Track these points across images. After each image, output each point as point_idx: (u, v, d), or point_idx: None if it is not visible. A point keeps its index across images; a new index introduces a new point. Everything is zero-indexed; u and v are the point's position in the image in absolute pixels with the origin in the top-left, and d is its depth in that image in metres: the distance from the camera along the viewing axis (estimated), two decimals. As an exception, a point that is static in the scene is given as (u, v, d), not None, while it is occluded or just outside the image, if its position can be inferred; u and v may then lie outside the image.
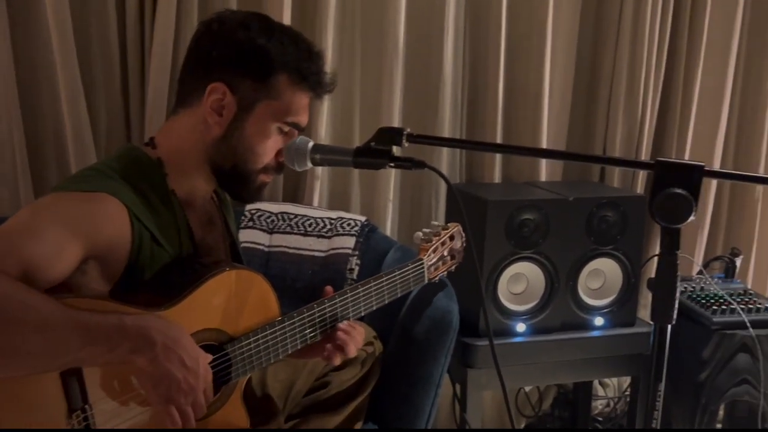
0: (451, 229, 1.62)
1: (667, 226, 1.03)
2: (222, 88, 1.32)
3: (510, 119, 2.58)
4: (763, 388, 2.10)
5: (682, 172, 1.02)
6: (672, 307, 1.08)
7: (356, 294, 1.43)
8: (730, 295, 2.24)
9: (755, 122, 2.89)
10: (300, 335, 1.37)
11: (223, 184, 1.41)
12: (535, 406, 2.78)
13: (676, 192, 1.00)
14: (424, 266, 1.52)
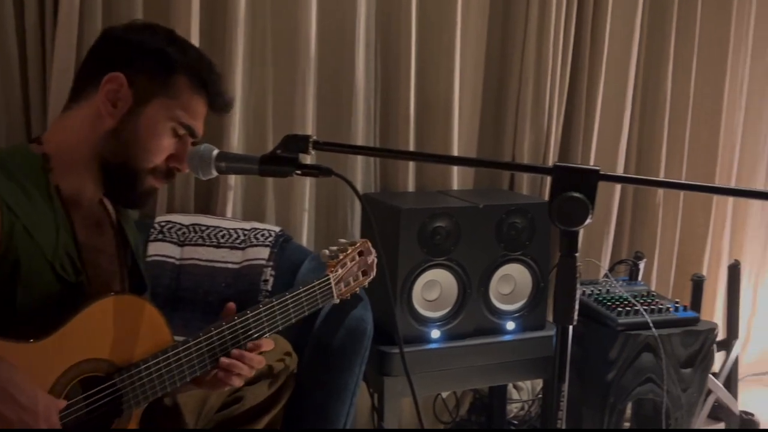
0: (360, 245, 1.61)
1: (565, 229, 1.06)
2: (120, 79, 1.31)
3: (422, 128, 2.62)
4: (666, 385, 2.19)
5: (579, 177, 1.05)
6: (572, 308, 1.11)
7: (258, 315, 1.40)
8: (634, 296, 2.34)
9: (654, 129, 3.03)
10: (198, 361, 1.33)
11: (109, 183, 1.36)
12: (453, 411, 2.81)
13: (573, 195, 1.03)
14: (331, 283, 1.51)
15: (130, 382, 1.27)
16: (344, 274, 1.55)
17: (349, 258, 1.56)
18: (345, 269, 1.55)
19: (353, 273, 1.58)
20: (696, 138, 3.11)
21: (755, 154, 3.31)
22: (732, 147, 3.20)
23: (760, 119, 3.27)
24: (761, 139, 3.30)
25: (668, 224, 3.11)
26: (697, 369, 2.24)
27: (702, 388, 2.28)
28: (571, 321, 1.13)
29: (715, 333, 2.27)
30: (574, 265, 1.10)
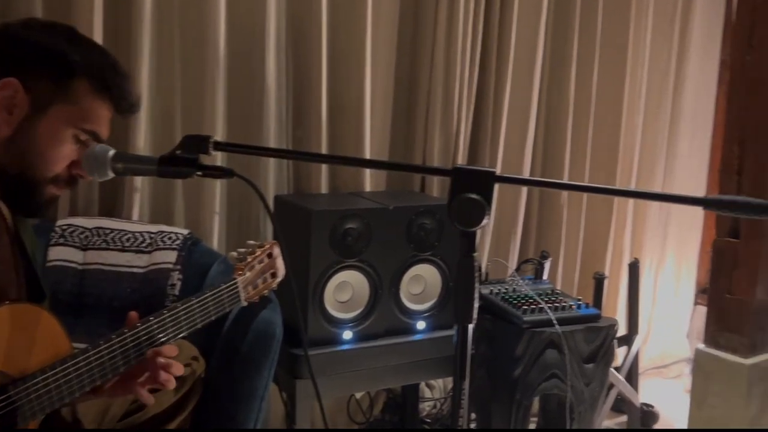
0: (268, 247, 1.60)
1: (463, 229, 1.09)
2: (15, 85, 1.25)
3: (335, 130, 2.63)
4: (569, 381, 2.26)
5: (476, 178, 1.08)
6: (471, 307, 1.14)
7: (162, 321, 1.36)
8: (539, 295, 2.41)
9: (558, 131, 3.14)
10: (98, 370, 1.29)
11: (6, 192, 1.30)
12: (367, 412, 2.83)
13: (470, 197, 1.06)
14: (239, 287, 1.49)
15: (26, 393, 1.22)
16: (252, 276, 1.53)
17: (257, 260, 1.55)
18: (253, 272, 1.53)
19: (262, 275, 1.57)
20: (598, 140, 3.23)
21: (653, 155, 3.47)
22: (632, 148, 3.35)
23: (657, 121, 3.44)
24: (659, 140, 3.46)
25: (572, 224, 3.23)
26: (599, 364, 2.33)
27: (604, 383, 2.38)
28: (470, 320, 1.16)
29: (616, 329, 2.37)
30: (472, 264, 1.13)
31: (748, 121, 2.29)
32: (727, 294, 2.42)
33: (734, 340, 2.39)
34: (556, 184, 1.36)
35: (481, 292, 2.46)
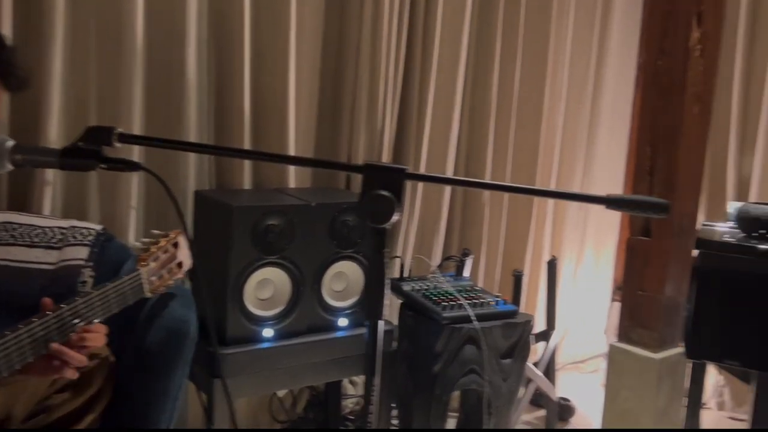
0: (173, 237, 1.57)
1: (374, 226, 1.09)
2: None
3: (258, 126, 2.59)
4: (487, 376, 2.30)
5: (387, 175, 1.08)
6: (382, 303, 1.14)
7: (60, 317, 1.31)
8: (459, 291, 2.44)
9: (481, 130, 3.19)
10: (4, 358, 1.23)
11: None
12: (289, 410, 2.81)
13: (381, 194, 1.06)
14: (141, 278, 1.45)
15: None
16: (157, 267, 1.49)
17: (161, 250, 1.51)
18: (158, 262, 1.49)
19: (167, 266, 1.53)
20: (520, 140, 3.30)
21: (573, 155, 3.56)
22: (552, 149, 3.44)
23: (577, 123, 3.53)
24: (578, 142, 3.56)
25: (494, 223, 3.29)
26: (516, 359, 2.38)
27: (520, 377, 2.43)
28: (381, 316, 1.16)
29: (532, 324, 2.42)
30: (383, 261, 1.13)
31: (660, 123, 2.37)
32: (639, 291, 2.51)
33: (645, 335, 2.48)
34: (462, 181, 1.38)
35: (403, 289, 2.48)
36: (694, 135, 2.37)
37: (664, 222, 2.44)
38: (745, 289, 1.49)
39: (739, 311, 1.50)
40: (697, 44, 2.29)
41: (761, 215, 1.52)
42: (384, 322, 1.18)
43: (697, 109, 2.35)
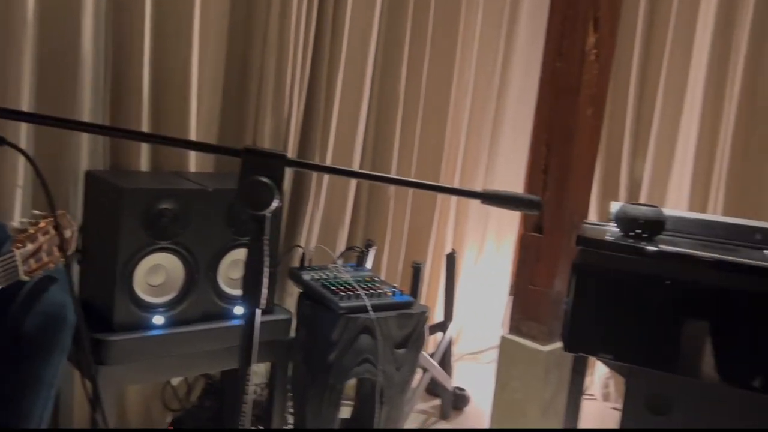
0: (54, 219, 1.51)
1: (252, 212, 1.08)
2: None
3: (157, 107, 2.52)
4: (381, 365, 2.33)
5: (267, 161, 1.07)
6: (260, 292, 1.13)
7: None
8: (358, 282, 2.46)
9: (388, 123, 3.21)
10: None
11: None
12: (183, 398, 2.75)
13: (259, 180, 1.05)
14: (16, 260, 1.39)
15: None
16: (34, 249, 1.43)
17: (41, 232, 1.45)
18: (36, 244, 1.43)
19: (46, 248, 1.47)
20: (426, 134, 3.34)
21: (477, 152, 3.64)
22: (457, 145, 3.50)
23: (482, 120, 3.61)
24: (483, 139, 3.63)
25: (398, 215, 3.33)
26: (410, 349, 2.42)
27: (414, 367, 2.47)
28: (259, 304, 1.16)
29: (427, 316, 2.46)
30: (262, 248, 1.12)
31: (555, 124, 2.45)
32: (531, 285, 2.59)
33: (534, 328, 2.57)
34: (345, 171, 1.38)
35: (303, 278, 2.47)
36: (587, 136, 2.46)
37: (556, 219, 2.53)
38: (620, 287, 1.56)
39: (614, 307, 1.57)
40: (592, 48, 2.38)
41: (638, 216, 1.59)
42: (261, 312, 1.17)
43: (591, 111, 2.44)
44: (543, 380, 2.53)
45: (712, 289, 1.48)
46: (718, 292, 1.48)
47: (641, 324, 1.55)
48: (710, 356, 1.50)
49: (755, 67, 2.82)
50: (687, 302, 1.51)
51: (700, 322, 1.51)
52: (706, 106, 2.96)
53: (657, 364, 1.55)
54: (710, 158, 2.99)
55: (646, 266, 1.52)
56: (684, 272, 1.49)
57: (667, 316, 1.52)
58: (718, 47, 2.92)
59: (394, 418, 2.44)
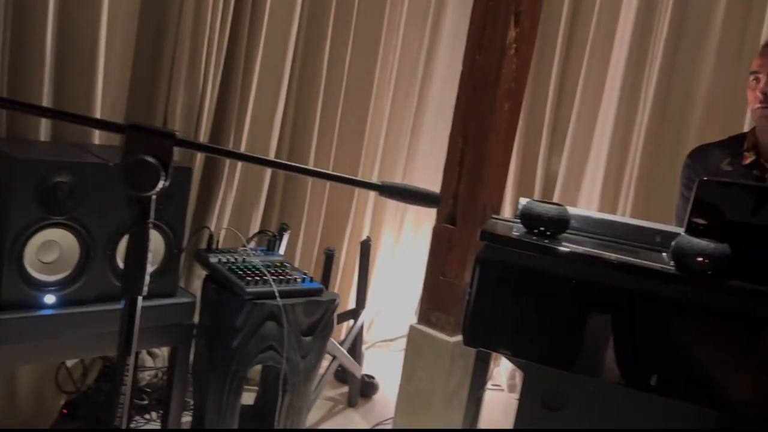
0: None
1: (135, 193, 1.02)
2: None
3: (61, 80, 2.38)
4: (286, 353, 2.28)
5: (154, 139, 1.01)
6: (143, 278, 1.07)
7: None
8: (267, 267, 2.40)
9: (309, 108, 3.14)
10: None
11: None
12: (78, 380, 2.64)
13: (144, 159, 0.99)
14: None
15: None
16: None
17: None
18: None
19: None
20: (347, 120, 3.29)
21: (398, 140, 3.62)
22: (378, 132, 3.47)
23: (404, 109, 3.59)
24: (404, 127, 3.62)
25: (316, 200, 3.27)
26: (317, 337, 2.38)
27: (320, 355, 2.43)
28: (141, 291, 1.10)
29: (337, 303, 2.43)
30: (146, 232, 1.06)
31: (472, 116, 2.45)
32: (441, 276, 2.60)
33: (442, 319, 2.57)
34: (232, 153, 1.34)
35: (209, 261, 2.40)
36: (503, 130, 2.47)
37: (469, 212, 2.54)
38: (519, 283, 1.56)
39: (513, 303, 1.57)
40: (513, 43, 2.39)
41: (542, 213, 1.60)
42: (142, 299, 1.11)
43: (508, 105, 2.45)
44: (448, 371, 2.54)
45: (608, 289, 1.50)
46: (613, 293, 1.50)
47: (539, 321, 1.56)
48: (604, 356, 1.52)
49: (669, 72, 2.89)
50: (583, 301, 1.52)
51: (595, 321, 1.53)
52: (621, 107, 3.02)
53: (552, 361, 1.56)
54: (622, 159, 3.06)
55: (545, 264, 1.52)
56: (582, 272, 1.51)
57: (564, 315, 1.53)
58: (636, 50, 2.98)
59: (297, 406, 2.41)
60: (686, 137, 2.88)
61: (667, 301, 1.46)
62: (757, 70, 2.13)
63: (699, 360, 1.46)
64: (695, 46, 2.84)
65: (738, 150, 2.25)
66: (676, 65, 2.88)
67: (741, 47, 2.75)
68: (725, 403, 1.45)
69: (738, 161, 2.25)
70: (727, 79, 2.77)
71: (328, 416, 3.05)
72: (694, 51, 2.84)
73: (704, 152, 2.31)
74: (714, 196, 1.54)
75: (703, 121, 2.82)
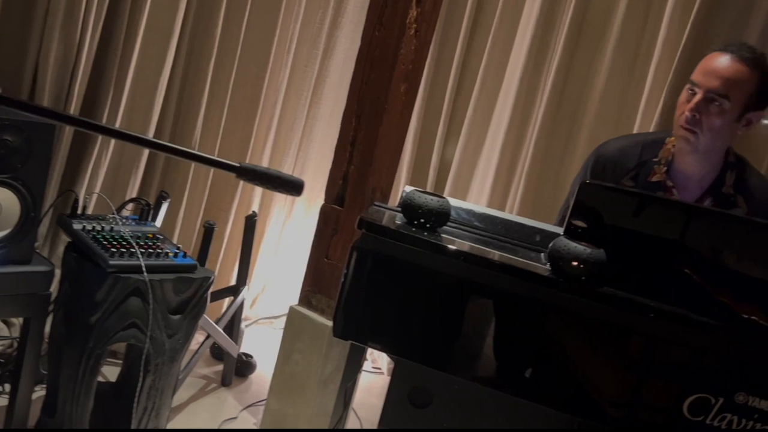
0: None
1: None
2: None
3: None
4: (150, 331, 2.14)
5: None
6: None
7: None
8: (137, 238, 2.24)
9: (198, 72, 2.96)
10: None
11: None
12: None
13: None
14: None
15: None
16: None
17: None
18: None
19: None
20: (240, 87, 3.13)
21: (295, 115, 3.49)
22: (274, 103, 3.32)
23: (303, 81, 3.45)
24: (302, 101, 3.48)
25: (202, 168, 3.10)
26: (187, 315, 2.24)
27: (189, 335, 2.30)
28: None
29: (211, 281, 2.30)
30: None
31: (367, 96, 2.36)
32: (325, 258, 2.51)
33: (323, 302, 2.49)
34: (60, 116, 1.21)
35: (73, 227, 2.21)
36: (397, 112, 2.39)
37: (358, 194, 2.45)
38: (393, 276, 1.49)
39: (385, 296, 1.50)
40: (413, 23, 2.30)
41: (422, 204, 1.53)
42: None
43: (405, 87, 2.37)
44: (325, 355, 2.46)
45: (480, 287, 1.45)
46: (485, 292, 1.46)
47: (411, 317, 1.50)
48: (475, 356, 1.48)
49: (567, 69, 2.89)
50: (456, 299, 1.47)
51: (468, 320, 1.48)
52: (518, 101, 3.01)
53: (422, 358, 1.50)
54: (516, 154, 3.05)
55: (420, 258, 1.46)
56: (456, 268, 1.45)
57: (437, 312, 1.48)
58: (537, 45, 2.96)
59: (159, 387, 2.27)
60: (578, 135, 2.90)
61: (539, 304, 1.43)
62: (697, 82, 1.97)
63: (567, 367, 1.44)
64: (593, 45, 2.85)
65: (651, 158, 2.11)
66: (574, 63, 2.89)
67: (637, 49, 2.77)
68: (589, 411, 1.43)
69: (645, 173, 2.10)
70: (620, 80, 2.80)
71: (198, 395, 2.92)
72: (593, 50, 2.85)
73: (620, 150, 2.15)
74: (596, 199, 1.51)
75: (596, 120, 2.84)
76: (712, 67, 1.96)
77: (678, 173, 2.09)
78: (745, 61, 1.95)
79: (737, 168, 2.11)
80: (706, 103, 1.96)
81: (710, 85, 1.95)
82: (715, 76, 1.94)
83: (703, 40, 2.54)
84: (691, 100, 1.98)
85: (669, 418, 1.39)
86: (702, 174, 2.08)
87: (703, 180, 2.09)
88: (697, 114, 1.96)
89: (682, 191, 2.11)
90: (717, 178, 2.09)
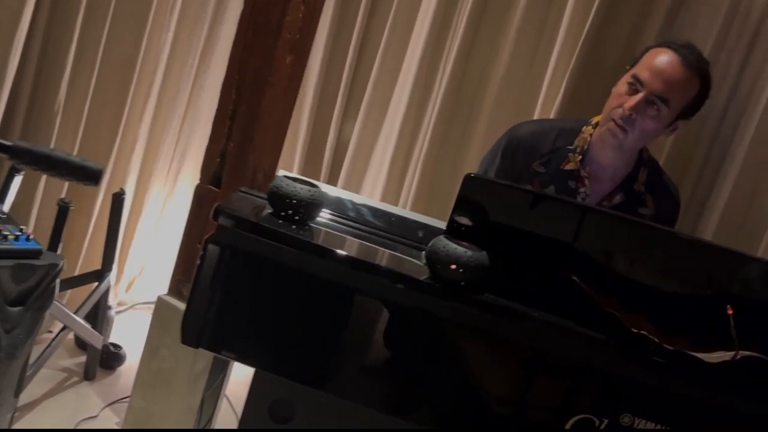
0: None
1: None
2: None
3: None
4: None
5: None
6: None
7: None
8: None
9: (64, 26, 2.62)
10: None
11: None
12: None
13: None
14: None
15: None
16: None
17: None
18: None
19: None
20: (113, 46, 2.78)
21: (180, 80, 3.18)
22: (154, 68, 3.02)
23: (189, 45, 3.13)
24: (187, 67, 3.18)
25: (66, 137, 2.78)
26: (30, 308, 1.96)
27: (33, 329, 2.02)
28: None
29: (59, 268, 2.02)
30: None
31: (249, 66, 2.13)
32: (199, 244, 2.28)
33: (194, 293, 2.26)
34: None
35: None
36: (282, 86, 2.17)
37: (237, 174, 2.23)
38: (255, 277, 1.30)
39: (241, 299, 1.30)
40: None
41: (291, 194, 1.34)
42: None
43: (291, 58, 2.15)
44: (194, 352, 2.24)
45: (348, 290, 1.28)
46: (353, 295, 1.28)
47: (272, 323, 1.31)
48: (338, 368, 1.31)
49: (468, 50, 2.74)
50: (320, 303, 1.29)
51: (332, 327, 1.30)
52: (418, 82, 2.84)
53: (281, 370, 1.32)
54: (413, 137, 2.89)
55: (283, 256, 1.27)
56: (322, 268, 1.27)
57: (299, 318, 1.29)
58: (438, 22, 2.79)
59: (1, 386, 1.99)
60: (476, 122, 2.76)
61: (413, 311, 1.27)
62: (643, 81, 1.87)
63: (442, 381, 1.28)
64: (496, 26, 2.71)
65: (565, 145, 2.02)
66: (475, 44, 2.74)
67: (540, 35, 2.66)
68: (464, 430, 1.29)
69: (557, 160, 2.02)
70: (521, 66, 2.67)
71: (56, 390, 2.64)
72: (494, 31, 2.71)
73: (534, 133, 2.06)
74: (482, 195, 1.36)
75: (495, 106, 2.72)
76: (660, 67, 1.87)
77: (593, 163, 2.02)
78: (690, 66, 1.88)
79: (649, 166, 2.07)
80: (645, 105, 1.88)
81: (655, 87, 1.87)
82: (662, 79, 1.86)
83: (607, 26, 2.46)
84: (630, 93, 1.89)
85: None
86: (616, 167, 2.02)
87: (616, 174, 2.04)
88: (634, 114, 1.89)
89: (595, 182, 2.04)
90: (630, 174, 2.04)
